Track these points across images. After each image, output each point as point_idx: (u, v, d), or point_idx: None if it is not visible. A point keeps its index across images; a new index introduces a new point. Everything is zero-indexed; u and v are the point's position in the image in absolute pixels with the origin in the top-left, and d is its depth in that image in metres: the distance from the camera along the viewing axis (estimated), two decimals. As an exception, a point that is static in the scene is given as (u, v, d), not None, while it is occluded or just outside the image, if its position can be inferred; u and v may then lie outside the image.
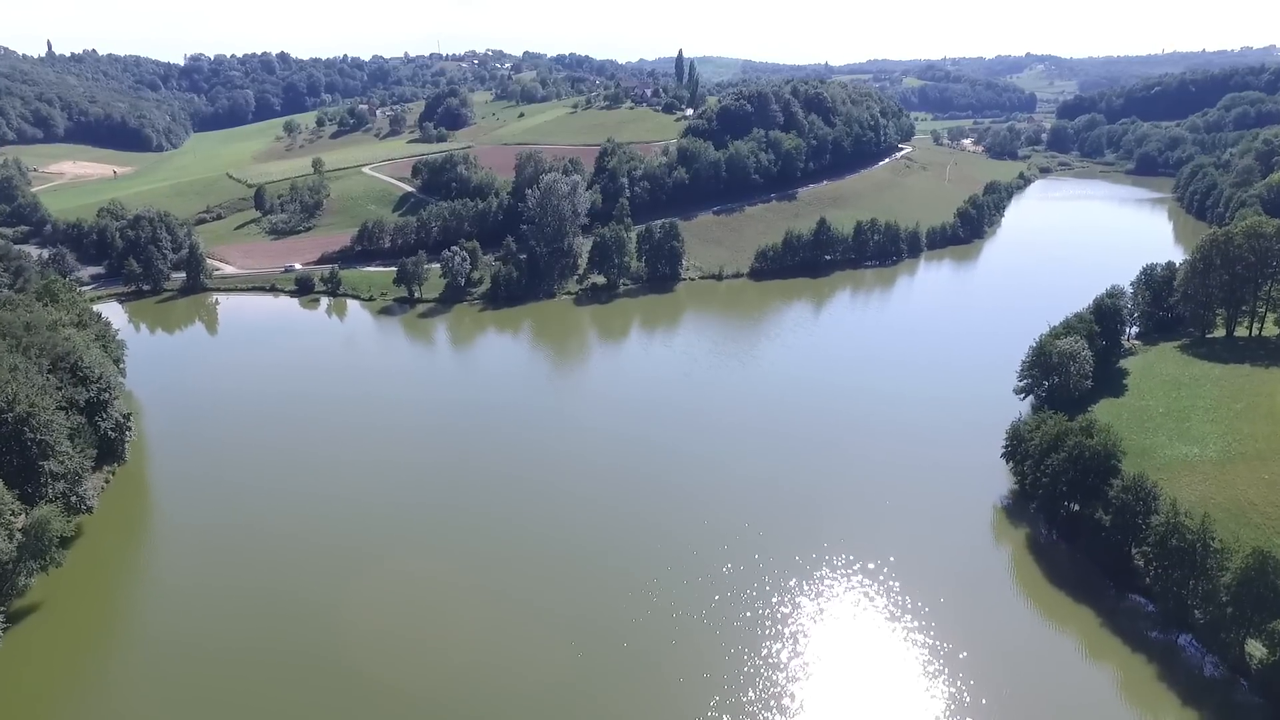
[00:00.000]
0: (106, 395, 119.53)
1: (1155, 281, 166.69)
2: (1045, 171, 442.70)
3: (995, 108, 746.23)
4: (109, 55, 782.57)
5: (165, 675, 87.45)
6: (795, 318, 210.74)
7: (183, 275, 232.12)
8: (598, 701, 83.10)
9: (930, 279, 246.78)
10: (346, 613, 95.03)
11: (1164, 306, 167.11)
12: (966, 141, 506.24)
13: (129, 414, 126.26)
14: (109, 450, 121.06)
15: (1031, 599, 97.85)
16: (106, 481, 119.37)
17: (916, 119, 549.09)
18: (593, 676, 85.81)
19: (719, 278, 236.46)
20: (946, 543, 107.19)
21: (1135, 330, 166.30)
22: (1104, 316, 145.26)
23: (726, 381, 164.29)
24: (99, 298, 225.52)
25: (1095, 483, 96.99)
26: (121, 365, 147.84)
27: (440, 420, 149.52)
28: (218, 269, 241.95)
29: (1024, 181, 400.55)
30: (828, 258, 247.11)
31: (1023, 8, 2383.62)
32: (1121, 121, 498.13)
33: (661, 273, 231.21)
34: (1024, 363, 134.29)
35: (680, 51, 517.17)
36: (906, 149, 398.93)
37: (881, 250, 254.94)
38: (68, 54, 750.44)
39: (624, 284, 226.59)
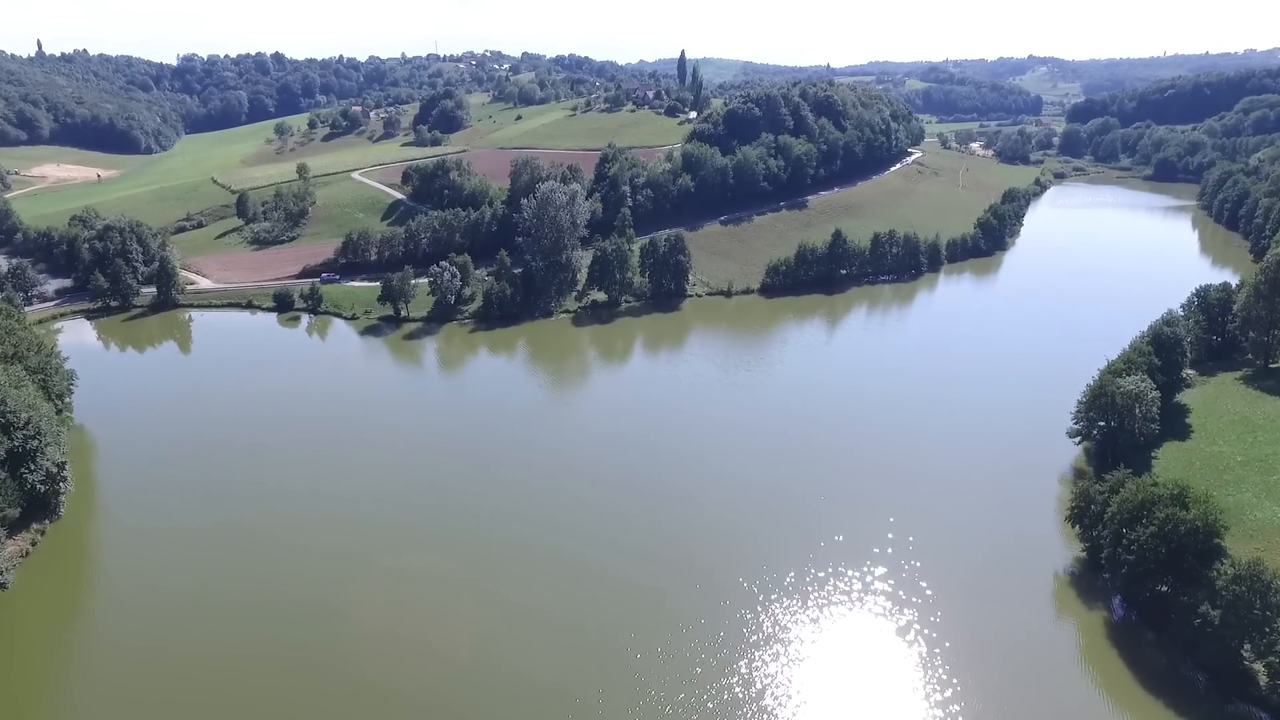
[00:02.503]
0: (36, 442, 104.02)
1: (1210, 305, 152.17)
2: (1060, 177, 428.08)
3: (1000, 110, 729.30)
4: (100, 55, 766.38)
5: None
6: (810, 340, 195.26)
7: (154, 290, 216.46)
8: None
9: (954, 295, 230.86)
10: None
11: (1219, 332, 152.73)
12: (975, 145, 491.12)
13: (64, 462, 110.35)
14: (39, 505, 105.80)
15: (1112, 697, 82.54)
16: (33, 544, 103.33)
17: (923, 121, 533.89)
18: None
19: (728, 294, 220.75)
20: (1000, 617, 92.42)
21: (1188, 358, 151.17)
22: (1163, 348, 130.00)
23: (736, 408, 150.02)
24: (64, 314, 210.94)
25: (1192, 563, 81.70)
26: (68, 400, 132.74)
27: (432, 436, 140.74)
28: (192, 283, 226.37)
29: (1040, 188, 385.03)
30: (843, 272, 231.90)
31: (1024, 9, 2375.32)
32: (1136, 125, 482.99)
33: (667, 289, 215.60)
34: (1080, 403, 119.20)
35: (683, 52, 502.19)
36: (917, 154, 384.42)
37: (900, 264, 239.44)
38: (58, 54, 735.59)
39: (626, 301, 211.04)
